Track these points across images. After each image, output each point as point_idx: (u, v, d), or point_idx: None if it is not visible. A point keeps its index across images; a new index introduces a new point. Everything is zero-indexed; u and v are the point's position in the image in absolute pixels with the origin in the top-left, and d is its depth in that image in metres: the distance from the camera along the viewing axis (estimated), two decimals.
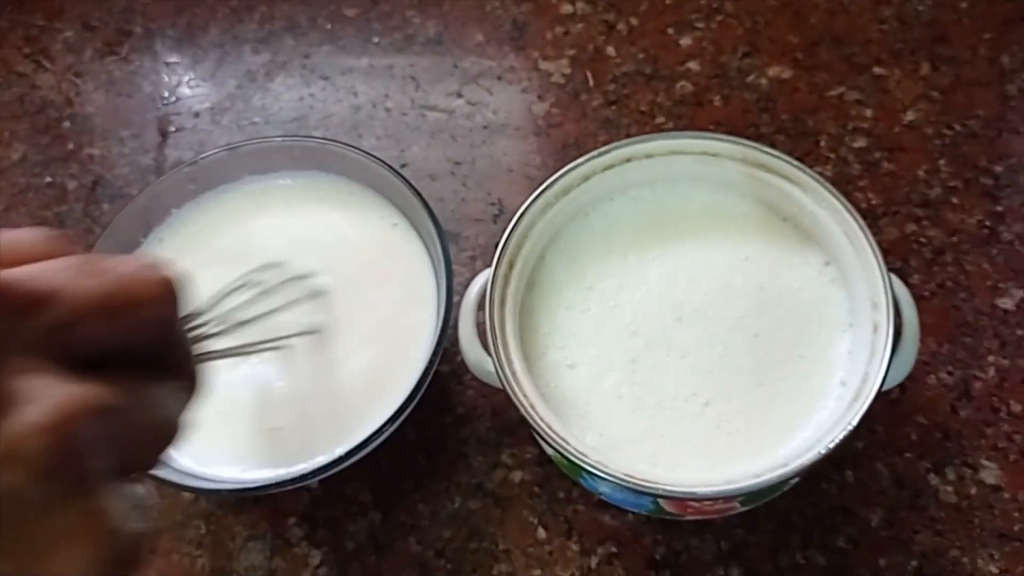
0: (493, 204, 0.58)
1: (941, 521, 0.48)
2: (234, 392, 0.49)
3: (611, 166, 0.49)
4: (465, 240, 0.57)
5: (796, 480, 0.47)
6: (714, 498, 0.42)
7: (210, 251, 0.52)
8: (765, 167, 0.48)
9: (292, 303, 0.44)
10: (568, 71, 0.62)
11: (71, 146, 0.63)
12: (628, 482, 0.42)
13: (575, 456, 0.42)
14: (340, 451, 0.46)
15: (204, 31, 0.67)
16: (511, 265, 0.48)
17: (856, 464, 0.49)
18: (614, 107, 0.60)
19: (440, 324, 0.47)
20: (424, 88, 0.63)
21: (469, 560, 0.49)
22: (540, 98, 0.62)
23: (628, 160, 0.50)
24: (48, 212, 0.61)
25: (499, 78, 0.63)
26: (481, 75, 0.63)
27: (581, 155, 0.48)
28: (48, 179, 0.62)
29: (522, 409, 0.44)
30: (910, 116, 0.58)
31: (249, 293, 0.40)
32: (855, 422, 0.41)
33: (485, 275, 0.47)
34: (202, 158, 0.53)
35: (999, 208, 0.55)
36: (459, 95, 0.62)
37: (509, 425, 0.52)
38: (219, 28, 0.67)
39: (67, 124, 0.64)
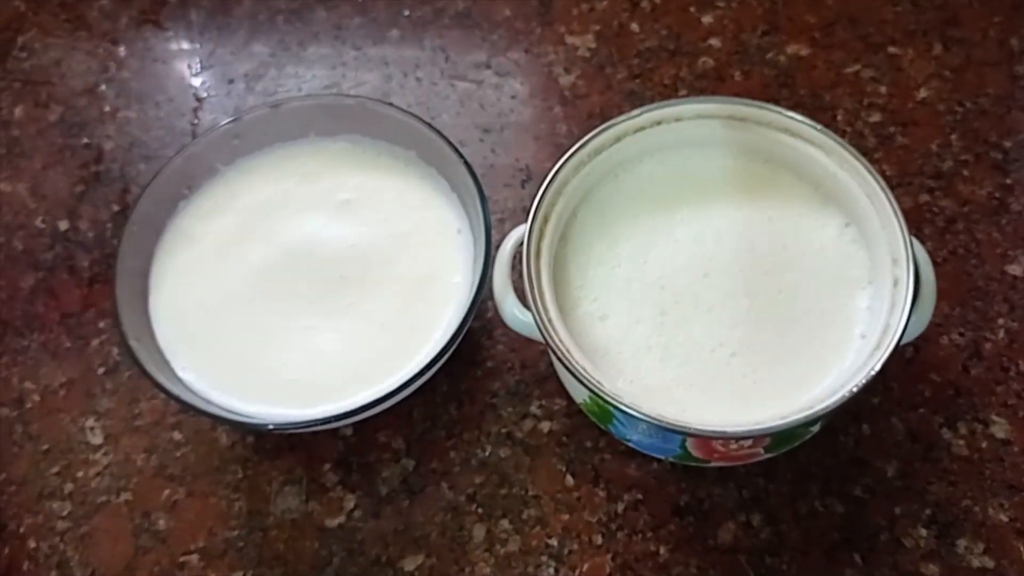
0: (521, 170, 0.60)
1: (954, 473, 0.50)
2: (278, 338, 0.51)
3: (642, 128, 0.51)
4: (494, 203, 0.59)
5: (816, 429, 0.49)
6: (743, 437, 0.44)
7: (251, 205, 0.54)
8: (790, 131, 0.50)
9: None
10: (594, 46, 0.64)
11: (107, 108, 0.65)
12: (661, 422, 0.44)
13: (610, 398, 0.44)
14: (374, 395, 0.48)
15: (238, 2, 0.69)
16: (546, 220, 0.49)
17: (872, 418, 0.51)
18: (638, 80, 0.63)
19: (478, 280, 0.49)
20: (453, 59, 0.65)
21: (500, 505, 0.51)
22: (566, 70, 0.64)
23: (658, 123, 0.52)
24: (86, 171, 0.62)
25: (526, 51, 0.65)
26: (509, 48, 0.65)
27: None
28: (85, 140, 0.64)
29: (559, 354, 0.45)
30: (923, 93, 0.60)
31: None
32: (878, 368, 0.43)
33: (520, 230, 0.49)
34: (244, 115, 0.54)
35: (1008, 181, 0.57)
36: (487, 66, 0.64)
37: (538, 377, 0.54)
38: None
39: (103, 88, 0.66)
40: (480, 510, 0.50)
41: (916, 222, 0.56)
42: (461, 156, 0.51)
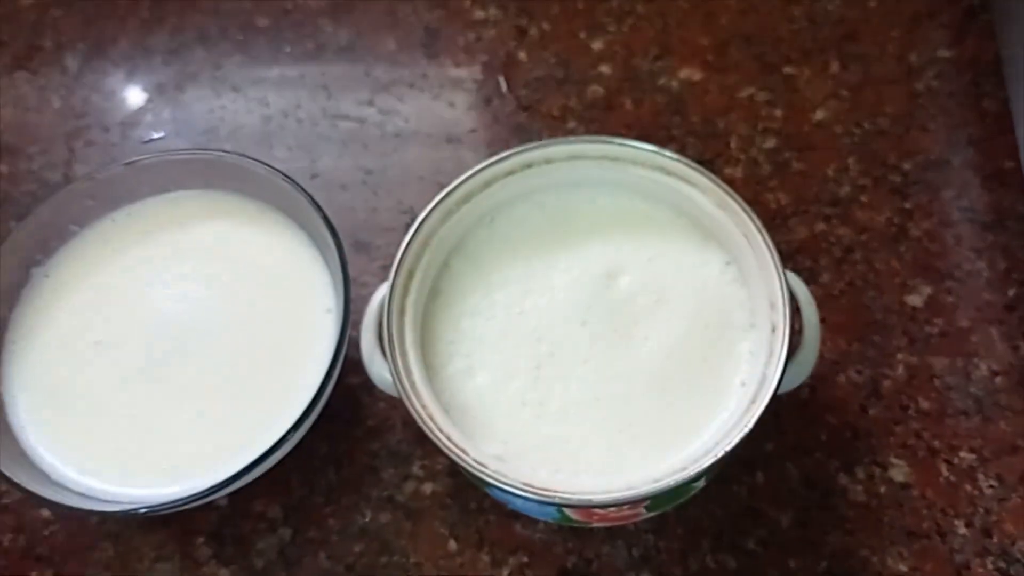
0: (404, 212, 0.58)
1: (851, 520, 0.48)
2: (136, 411, 0.49)
3: (512, 172, 0.49)
4: (376, 250, 0.57)
5: (703, 483, 0.47)
6: (612, 505, 0.42)
7: (114, 269, 0.52)
8: (664, 170, 0.48)
9: None
10: (480, 77, 0.62)
11: None
12: (527, 491, 0.41)
13: (473, 468, 0.42)
14: (241, 463, 0.45)
15: (114, 44, 0.66)
16: (410, 275, 0.47)
17: (766, 465, 0.49)
18: (526, 113, 0.60)
19: (338, 336, 0.47)
20: (336, 97, 0.62)
21: (380, 574, 0.48)
22: (452, 105, 0.61)
23: (529, 166, 0.49)
24: None
25: (411, 85, 0.62)
26: (393, 83, 0.62)
27: None
28: None
29: (419, 420, 0.43)
30: (820, 115, 0.58)
31: None
32: (751, 425, 0.41)
33: (386, 287, 0.47)
34: (98, 174, 0.52)
35: (907, 205, 0.55)
36: (371, 103, 0.62)
37: (420, 436, 0.51)
38: (129, 40, 0.66)
39: None
40: None
41: (812, 253, 0.54)
42: (318, 207, 0.49)
